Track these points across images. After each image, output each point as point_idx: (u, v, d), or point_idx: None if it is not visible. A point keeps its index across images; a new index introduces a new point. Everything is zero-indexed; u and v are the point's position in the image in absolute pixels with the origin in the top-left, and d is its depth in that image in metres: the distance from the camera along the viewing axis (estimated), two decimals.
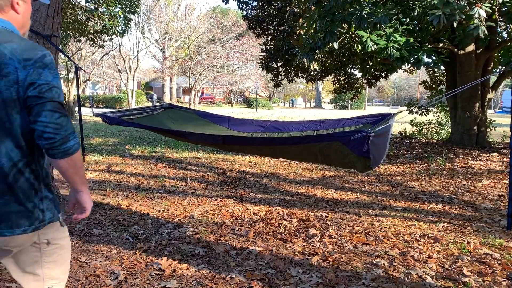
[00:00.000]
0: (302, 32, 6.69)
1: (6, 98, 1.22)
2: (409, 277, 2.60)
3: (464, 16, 4.62)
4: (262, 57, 9.29)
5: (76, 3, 8.85)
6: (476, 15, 4.38)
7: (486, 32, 4.60)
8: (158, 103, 3.88)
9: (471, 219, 3.90)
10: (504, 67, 8.70)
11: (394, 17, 5.41)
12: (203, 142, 3.04)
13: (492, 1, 4.86)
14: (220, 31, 29.17)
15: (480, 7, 4.35)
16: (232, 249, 3.07)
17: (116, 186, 5.15)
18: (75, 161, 1.32)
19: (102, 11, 8.87)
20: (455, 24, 4.54)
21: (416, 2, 5.37)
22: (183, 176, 5.89)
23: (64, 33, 8.87)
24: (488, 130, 8.70)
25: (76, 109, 18.95)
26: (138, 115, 3.50)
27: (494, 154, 7.35)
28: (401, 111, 2.61)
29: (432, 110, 10.95)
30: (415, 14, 5.42)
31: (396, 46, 5.14)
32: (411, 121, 10.86)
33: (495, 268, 2.73)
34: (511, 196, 2.44)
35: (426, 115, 10.70)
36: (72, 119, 18.16)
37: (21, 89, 1.23)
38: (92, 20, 9.01)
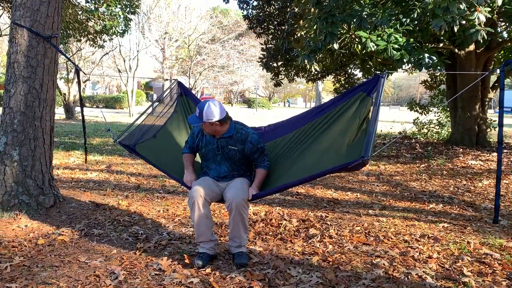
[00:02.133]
0: (302, 33, 6.68)
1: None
2: (409, 277, 2.60)
3: (464, 22, 4.64)
4: (262, 56, 9.29)
5: (76, 3, 8.86)
6: (476, 21, 4.40)
7: (486, 37, 4.62)
8: (170, 93, 3.70)
9: (471, 219, 3.90)
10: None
11: (394, 18, 5.41)
12: None
13: (491, 4, 4.86)
14: (220, 31, 29.13)
15: (480, 12, 4.36)
16: None
17: (116, 186, 5.15)
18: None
19: (102, 11, 8.87)
20: (456, 29, 4.55)
21: (416, 3, 5.37)
22: None
23: (65, 33, 8.88)
24: (488, 130, 8.69)
25: (76, 109, 18.95)
26: (153, 132, 3.43)
27: (494, 154, 7.35)
28: (391, 72, 2.83)
29: (433, 110, 10.96)
30: (415, 15, 5.42)
31: (396, 46, 5.14)
32: (414, 120, 10.86)
33: (495, 268, 2.73)
34: (498, 190, 2.46)
35: (426, 115, 10.70)
36: (72, 119, 18.16)
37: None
38: (92, 20, 9.02)
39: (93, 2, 8.85)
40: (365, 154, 2.27)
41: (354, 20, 5.01)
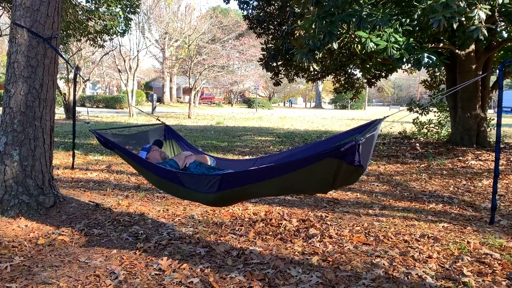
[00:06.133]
0: (301, 33, 6.68)
1: None
2: (409, 277, 2.60)
3: (464, 18, 4.63)
4: (263, 56, 9.29)
5: (77, 3, 8.85)
6: (476, 17, 4.38)
7: (486, 34, 4.60)
8: (156, 125, 3.90)
9: (471, 219, 3.90)
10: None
11: (394, 17, 5.41)
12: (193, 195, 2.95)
13: (492, 2, 4.86)
14: (221, 31, 29.14)
15: (480, 9, 4.35)
16: (232, 249, 3.07)
17: (116, 186, 5.15)
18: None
19: (102, 11, 8.87)
20: (455, 26, 4.54)
21: (415, 3, 5.37)
22: None
23: (65, 33, 8.87)
24: (488, 130, 8.70)
25: (77, 109, 18.91)
26: (132, 144, 3.56)
27: (494, 155, 7.34)
28: (389, 115, 2.63)
29: (432, 110, 10.95)
30: (415, 15, 5.42)
31: (396, 46, 5.14)
32: (414, 120, 10.85)
33: (495, 268, 2.73)
34: (495, 189, 2.44)
35: (426, 115, 10.71)
36: (73, 119, 18.15)
37: None
38: (93, 20, 9.01)
39: (93, 2, 8.85)
40: (359, 137, 2.12)
41: (353, 20, 5.01)
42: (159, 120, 4.01)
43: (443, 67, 8.89)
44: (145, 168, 3.14)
